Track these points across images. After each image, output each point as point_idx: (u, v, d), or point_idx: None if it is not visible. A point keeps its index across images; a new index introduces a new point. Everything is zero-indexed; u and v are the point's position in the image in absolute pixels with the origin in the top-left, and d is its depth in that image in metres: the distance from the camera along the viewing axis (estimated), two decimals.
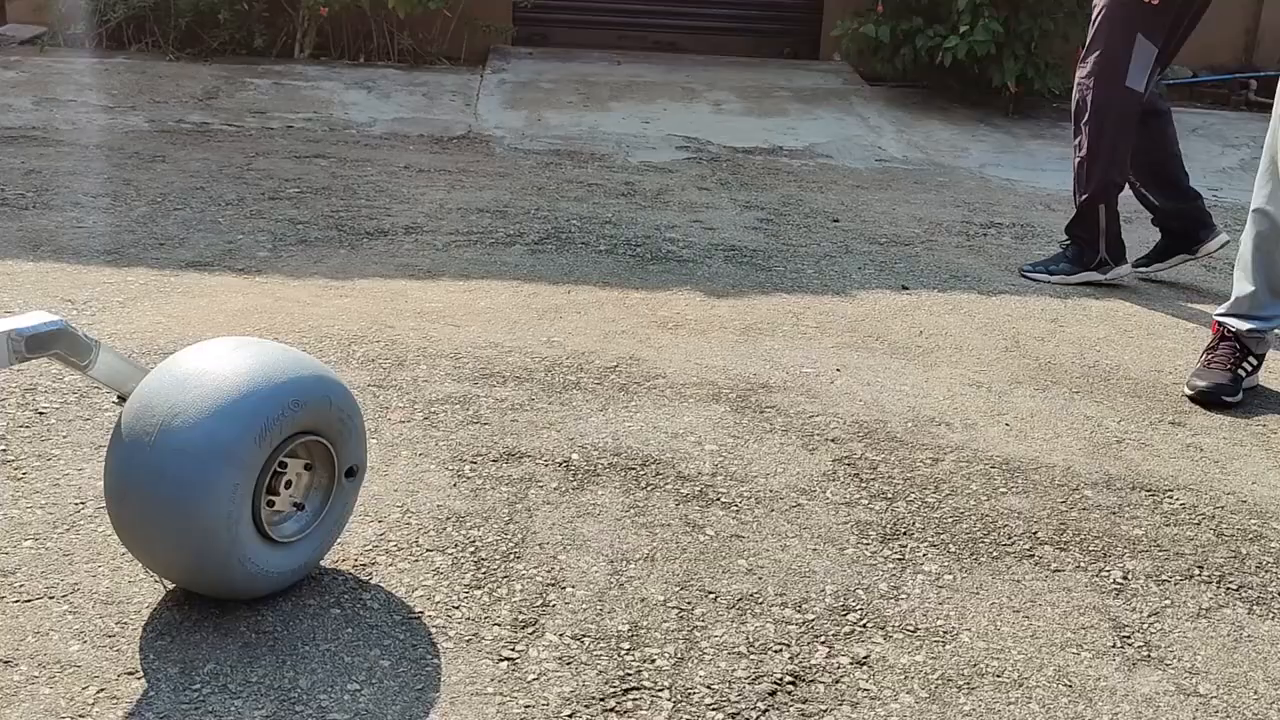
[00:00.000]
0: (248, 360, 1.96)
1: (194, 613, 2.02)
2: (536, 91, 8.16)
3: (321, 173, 5.96)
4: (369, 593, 2.13)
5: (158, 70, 7.94)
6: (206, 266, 4.22)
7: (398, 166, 6.27)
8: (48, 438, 2.68)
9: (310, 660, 1.92)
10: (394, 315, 3.79)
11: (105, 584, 2.10)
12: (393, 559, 2.25)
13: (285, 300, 3.89)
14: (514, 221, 5.18)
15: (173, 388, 1.92)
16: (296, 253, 4.49)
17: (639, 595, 2.18)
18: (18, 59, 7.93)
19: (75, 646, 1.91)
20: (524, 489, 2.58)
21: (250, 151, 6.35)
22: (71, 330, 1.95)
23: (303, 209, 5.17)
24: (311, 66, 8.31)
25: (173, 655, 1.90)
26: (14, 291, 3.77)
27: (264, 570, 1.99)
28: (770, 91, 8.64)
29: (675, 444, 2.88)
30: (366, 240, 4.74)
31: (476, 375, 3.27)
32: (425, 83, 8.17)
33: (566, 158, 6.72)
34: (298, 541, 2.05)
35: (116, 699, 1.79)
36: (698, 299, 4.20)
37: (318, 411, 2.02)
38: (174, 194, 5.28)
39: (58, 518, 2.32)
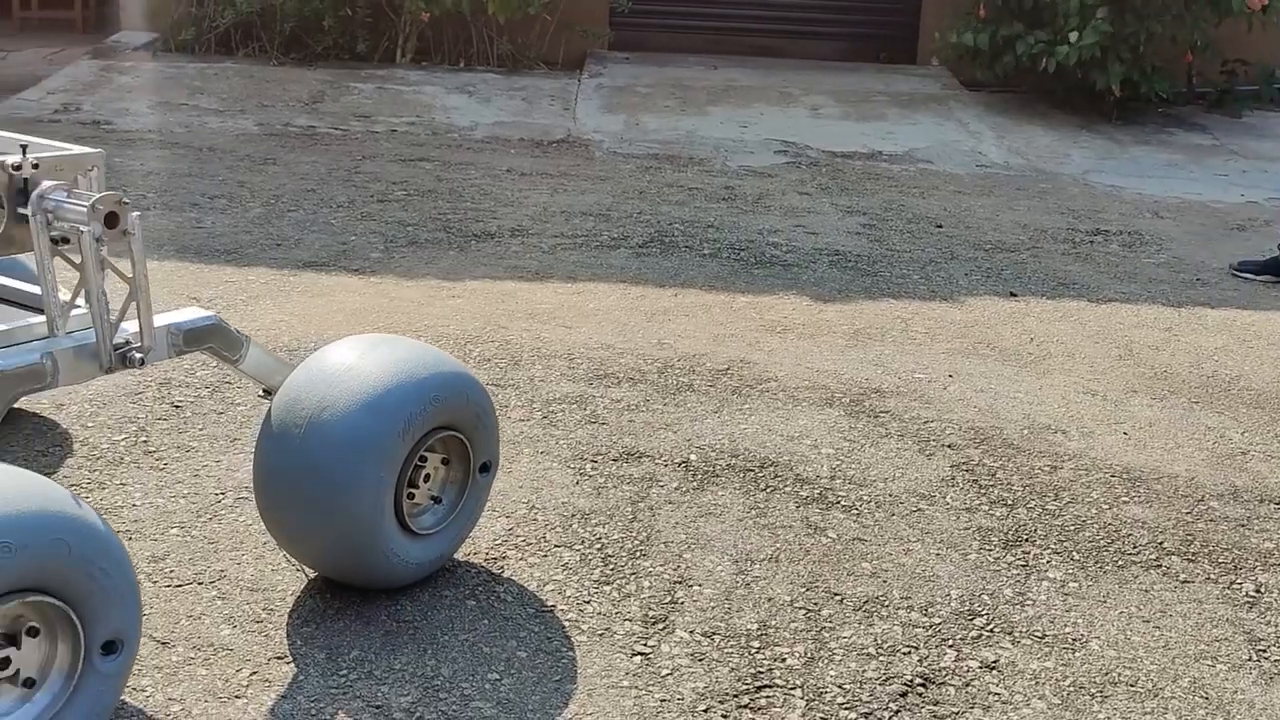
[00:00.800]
0: (392, 356, 2.02)
1: (336, 601, 2.08)
2: (633, 96, 8.21)
3: (427, 176, 6.07)
4: (502, 586, 2.17)
5: (265, 75, 8.14)
6: (323, 266, 4.32)
7: (500, 170, 6.35)
8: (185, 430, 2.78)
9: (450, 649, 1.96)
10: (506, 316, 3.85)
11: (250, 571, 2.17)
12: (522, 554, 2.29)
13: (400, 300, 3.97)
14: (617, 225, 5.22)
15: (321, 382, 1.98)
16: (408, 254, 4.58)
17: (766, 595, 2.20)
18: (132, 64, 8.19)
19: (226, 630, 1.98)
20: (645, 488, 2.61)
21: (357, 155, 6.49)
22: (224, 325, 2.02)
23: (411, 211, 5.27)
24: (413, 71, 8.46)
25: (319, 641, 1.97)
26: None
27: (405, 561, 2.04)
28: (867, 96, 8.59)
29: (791, 447, 2.89)
30: (474, 242, 4.82)
31: (591, 376, 3.31)
32: (524, 87, 8.26)
33: (665, 162, 6.76)
34: (435, 534, 2.10)
35: (269, 681, 1.85)
36: (804, 304, 4.20)
37: (456, 407, 2.07)
38: (287, 196, 5.42)
39: (200, 507, 2.41)
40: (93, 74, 7.92)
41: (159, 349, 1.90)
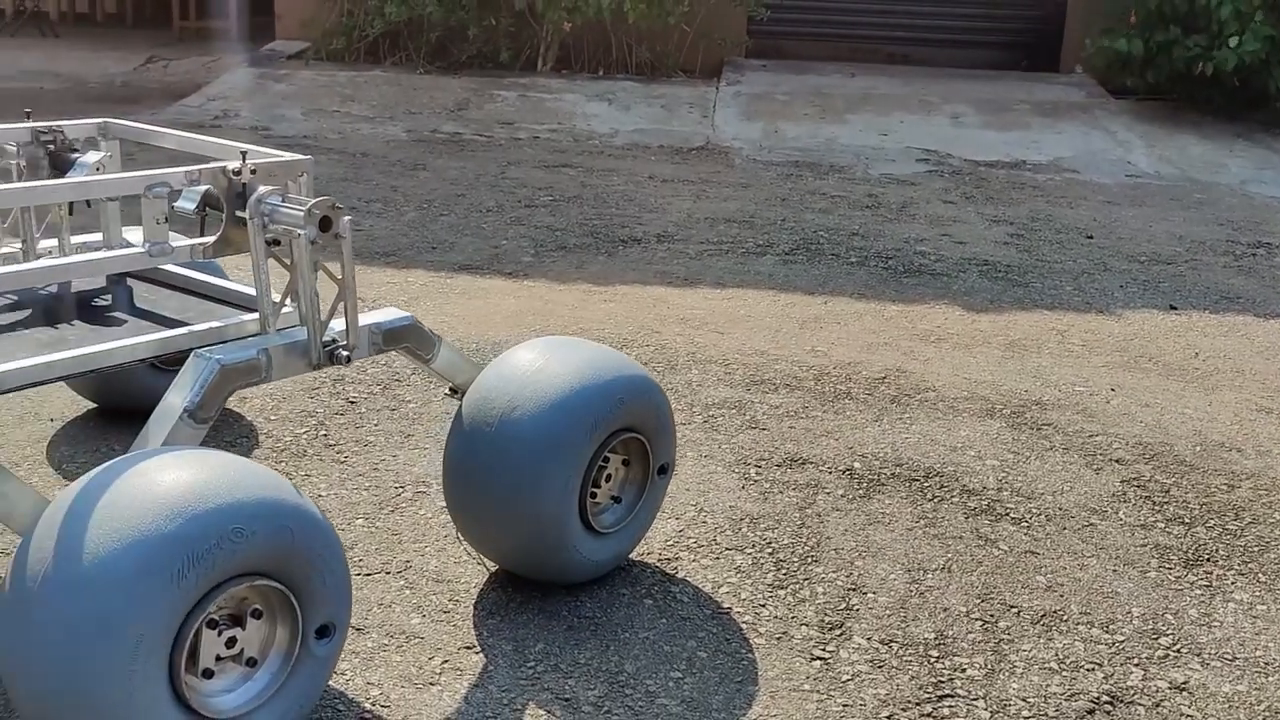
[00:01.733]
0: (579, 359, 2.07)
1: (518, 595, 2.14)
2: (772, 103, 8.21)
3: (571, 182, 6.16)
4: (677, 586, 2.20)
5: (412, 83, 8.36)
6: (477, 269, 4.42)
7: (642, 176, 6.42)
8: (361, 425, 2.88)
9: (632, 646, 2.00)
10: (659, 321, 3.89)
11: (434, 563, 2.24)
12: (695, 555, 2.32)
13: (554, 303, 4.04)
14: (762, 232, 5.23)
15: (511, 382, 2.04)
16: (558, 258, 4.66)
17: (940, 605, 2.18)
18: (286, 72, 8.49)
19: (416, 619, 2.05)
20: (811, 495, 2.61)
21: (502, 161, 6.62)
22: (420, 326, 2.09)
23: (558, 216, 5.36)
24: (554, 79, 8.59)
25: (505, 634, 2.02)
26: None
27: (587, 558, 2.09)
28: (1009, 104, 8.44)
29: (955, 457, 2.87)
30: (622, 248, 4.87)
31: (748, 381, 3.33)
32: (663, 95, 8.33)
33: (806, 169, 6.74)
34: (615, 532, 2.14)
35: (460, 670, 1.91)
36: (957, 313, 4.15)
37: (639, 409, 2.10)
38: (438, 200, 5.56)
39: (382, 499, 2.49)
40: (250, 81, 8.23)
41: (361, 347, 1.98)
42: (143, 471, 1.53)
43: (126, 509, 1.47)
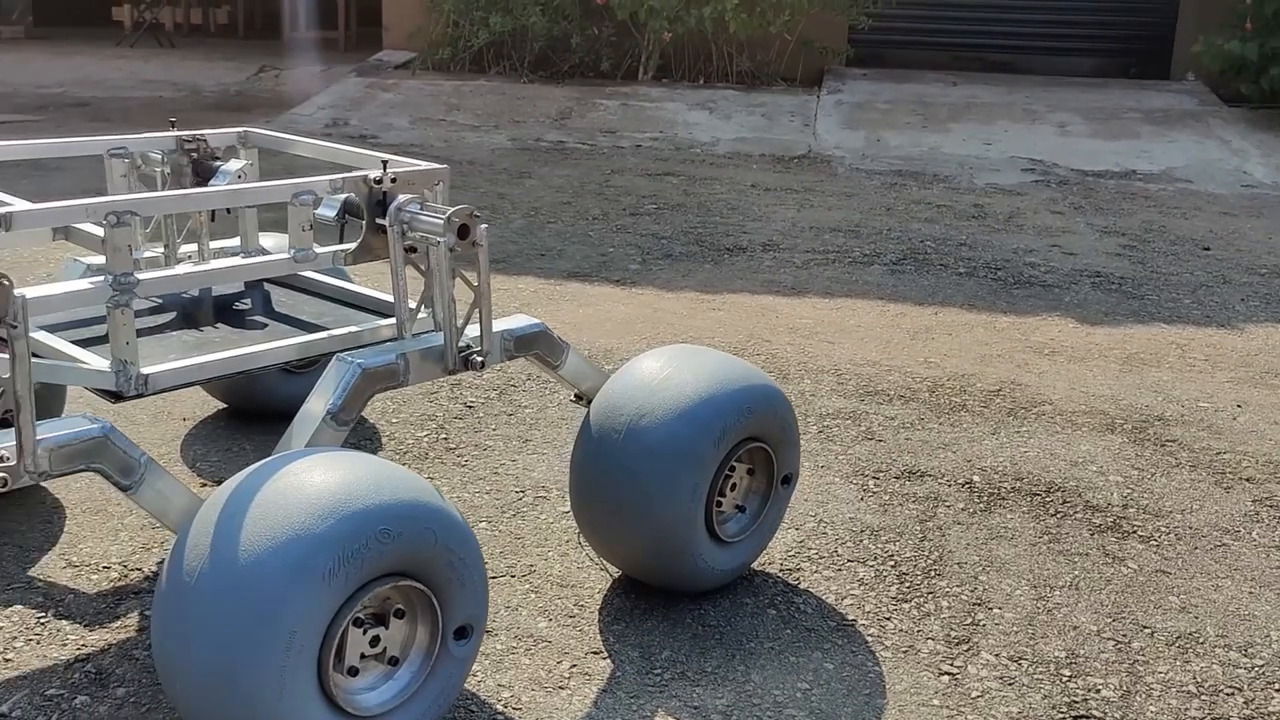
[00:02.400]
0: (706, 368, 2.08)
1: (642, 601, 2.15)
2: (873, 112, 8.15)
3: (674, 190, 6.18)
4: (800, 597, 2.20)
5: (515, 92, 8.47)
6: (586, 276, 4.46)
7: (745, 185, 6.41)
8: (479, 429, 2.92)
9: (758, 656, 2.00)
10: (768, 330, 3.88)
11: (557, 567, 2.26)
12: (816, 566, 2.31)
13: (663, 311, 4.06)
14: (868, 241, 5.19)
15: (639, 391, 2.05)
16: (664, 266, 4.67)
17: (1070, 623, 2.14)
18: (394, 82, 8.65)
19: (543, 623, 2.07)
20: (932, 507, 2.59)
21: (606, 169, 6.67)
22: (550, 332, 2.12)
23: (663, 224, 5.38)
24: (654, 88, 8.63)
25: (630, 640, 2.03)
26: None
27: (711, 567, 2.09)
28: (1117, 113, 8.27)
29: (1077, 472, 2.82)
30: (727, 256, 4.88)
31: (861, 392, 3.30)
32: (763, 103, 8.32)
33: (910, 178, 6.68)
34: (739, 542, 2.14)
35: (588, 675, 1.93)
36: (1070, 326, 4.08)
37: (765, 419, 2.10)
38: (545, 208, 5.61)
39: (504, 503, 2.52)
40: (358, 91, 8.39)
41: (494, 353, 2.01)
42: (293, 472, 1.57)
43: (279, 509, 1.52)
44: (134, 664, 1.89)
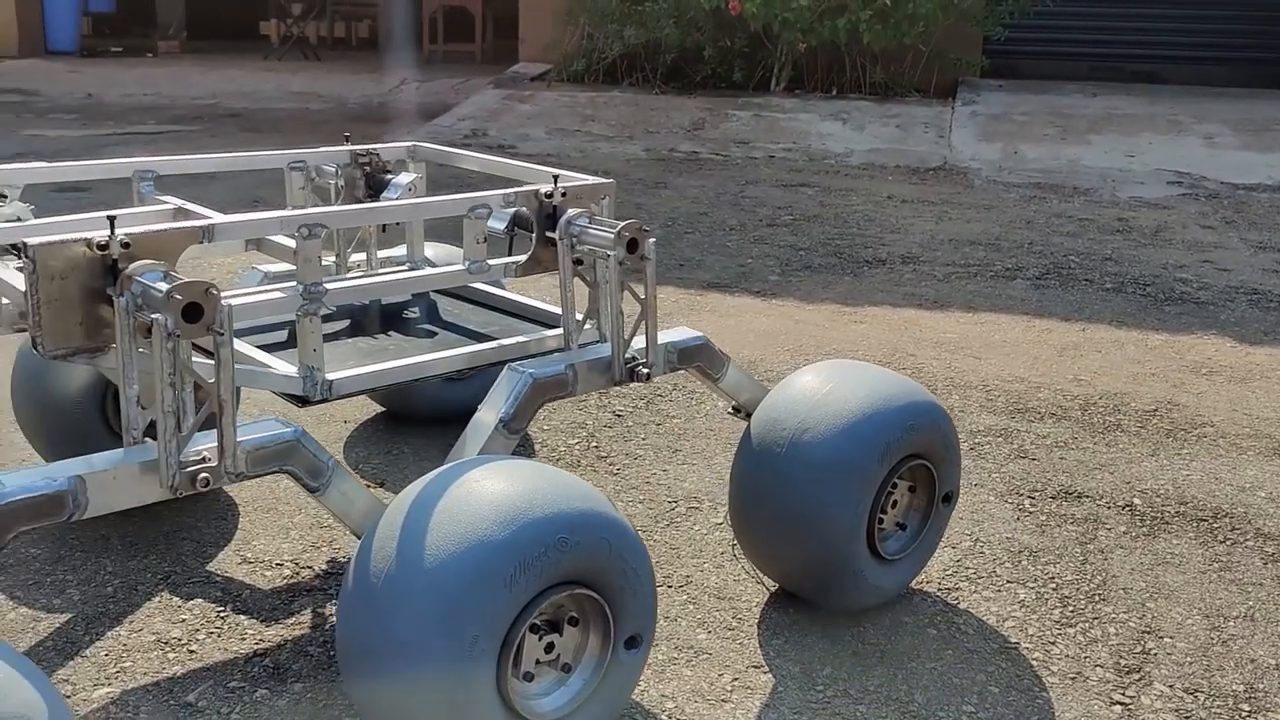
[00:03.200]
0: (869, 383, 2.06)
1: (800, 616, 2.14)
2: (1009, 124, 7.99)
3: (810, 201, 6.15)
4: (960, 617, 2.16)
5: (648, 103, 8.52)
6: (725, 288, 4.46)
7: (881, 196, 6.35)
8: (629, 438, 2.94)
9: (920, 676, 1.98)
10: (912, 343, 3.83)
11: (713, 579, 2.27)
12: (975, 587, 2.27)
13: (804, 323, 4.04)
14: (1009, 255, 5.10)
15: (801, 405, 2.04)
16: (804, 277, 4.65)
17: (1247, 655, 2.07)
18: (530, 94, 8.78)
19: (702, 635, 2.08)
20: (1091, 530, 2.53)
21: (740, 180, 6.67)
22: (711, 345, 2.13)
23: (800, 236, 5.36)
24: (787, 99, 8.60)
25: (790, 655, 2.03)
26: None
27: (871, 584, 2.07)
28: (1269, 124, 7.97)
29: (1245, 498, 2.72)
30: (867, 268, 4.83)
31: (1011, 409, 3.24)
32: (897, 114, 8.22)
33: (1050, 191, 6.53)
34: (900, 560, 2.12)
35: (750, 689, 1.93)
36: (1228, 345, 3.94)
37: (928, 436, 2.08)
38: (681, 218, 5.64)
39: (657, 513, 2.54)
40: (496, 102, 8.55)
41: (658, 365, 2.03)
42: (473, 480, 1.60)
43: (461, 515, 1.55)
44: (309, 660, 1.95)
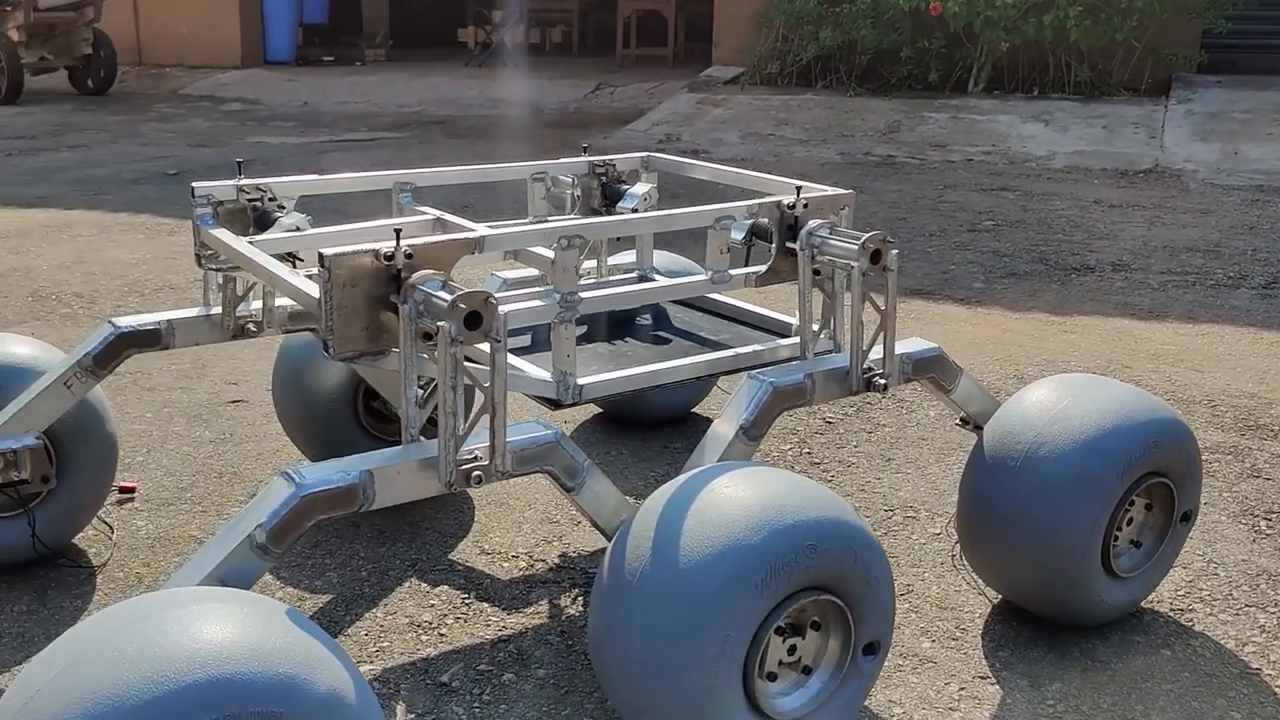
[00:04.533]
0: (1109, 397, 2.04)
1: (1025, 629, 2.14)
2: (1229, 122, 7.64)
3: (1012, 206, 6.03)
4: (1195, 640, 2.12)
5: (843, 105, 8.48)
6: (929, 294, 4.43)
7: (1086, 200, 6.17)
8: (842, 445, 2.97)
9: (1155, 698, 1.95)
10: (1127, 355, 3.74)
11: (934, 589, 2.28)
12: (1210, 609, 2.22)
13: (1012, 332, 3.98)
14: (1231, 263, 4.89)
15: (1037, 419, 2.04)
16: (1009, 285, 4.58)
17: None
18: (723, 97, 8.85)
19: (926, 644, 2.10)
20: None
21: (938, 184, 6.58)
22: (946, 357, 2.14)
23: (1003, 241, 5.26)
24: (985, 100, 8.43)
25: (1017, 667, 2.03)
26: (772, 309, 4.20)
27: (1103, 601, 2.05)
28: None
29: None
30: (1075, 276, 4.72)
31: (1240, 425, 3.13)
32: (1104, 114, 7.96)
33: (1275, 195, 6.22)
34: (1133, 578, 2.10)
35: (978, 700, 1.94)
36: None
37: (1170, 453, 2.05)
38: (879, 224, 5.61)
39: (874, 521, 2.56)
40: (689, 106, 8.65)
41: (894, 375, 2.06)
42: (725, 485, 1.67)
43: (713, 519, 1.62)
44: (550, 648, 2.05)
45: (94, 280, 4.47)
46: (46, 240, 5.14)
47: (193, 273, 4.57)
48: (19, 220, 5.55)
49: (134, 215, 5.69)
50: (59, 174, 6.90)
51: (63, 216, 5.65)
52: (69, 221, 5.53)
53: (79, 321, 3.96)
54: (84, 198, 6.15)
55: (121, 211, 5.78)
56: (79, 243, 5.11)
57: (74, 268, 4.67)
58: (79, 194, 6.26)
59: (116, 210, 5.81)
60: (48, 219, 5.60)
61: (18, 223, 5.50)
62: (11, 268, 4.65)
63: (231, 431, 2.99)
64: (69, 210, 5.82)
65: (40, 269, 4.64)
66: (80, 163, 7.33)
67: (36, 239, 5.16)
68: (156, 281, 4.48)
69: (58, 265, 4.70)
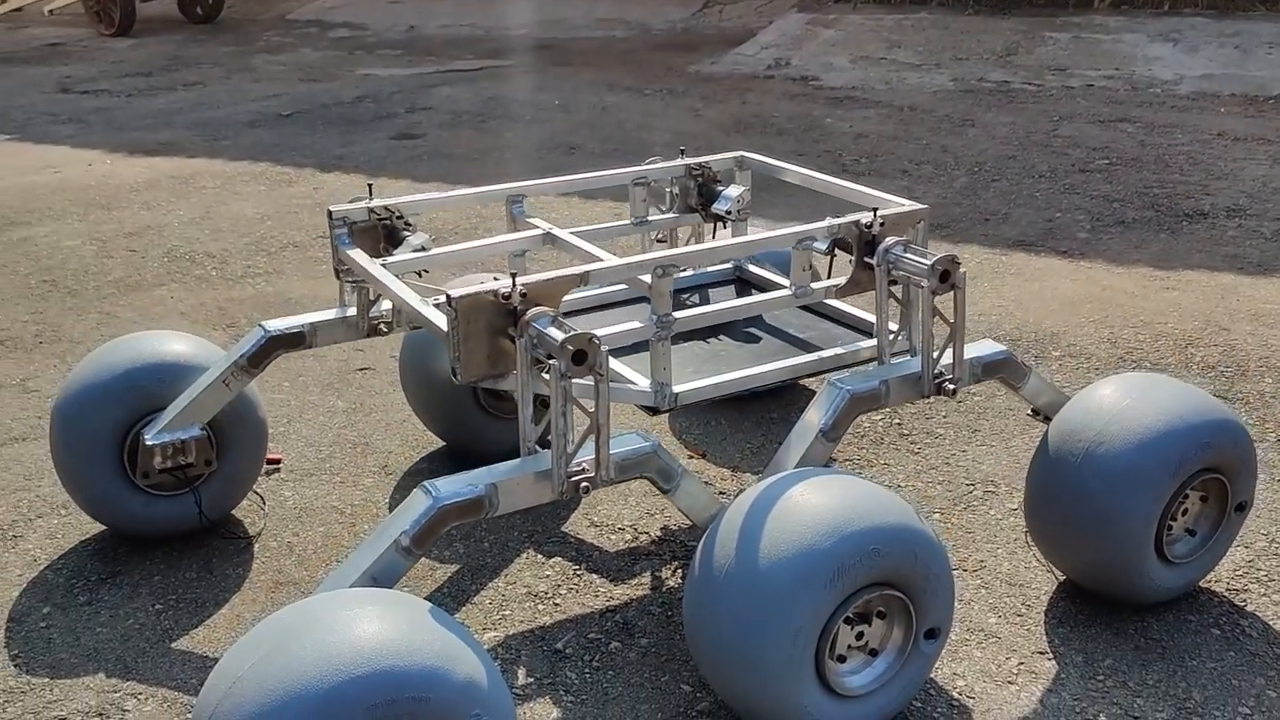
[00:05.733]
0: (1166, 398, 2.20)
1: (1086, 607, 2.33)
2: None
3: (1129, 140, 5.99)
4: (1246, 619, 2.29)
5: (959, 25, 8.39)
6: (1031, 246, 4.52)
7: (1210, 134, 6.09)
8: (930, 416, 3.16)
9: (1200, 675, 2.14)
10: (1227, 315, 3.80)
11: (1006, 565, 2.49)
12: (1265, 589, 2.39)
13: (1112, 290, 4.06)
14: None
15: (1097, 418, 2.21)
16: (1115, 235, 4.63)
17: None
18: (834, 17, 8.82)
19: (993, 619, 2.32)
20: None
21: (1053, 115, 6.54)
22: (1013, 358, 2.32)
23: (1115, 184, 5.27)
24: (1111, 17, 8.24)
25: (1075, 644, 2.23)
26: None
27: (1157, 584, 2.24)
28: None
29: None
30: (1186, 224, 4.74)
31: None
32: (1237, 32, 7.73)
33: None
34: (1187, 563, 2.27)
35: (1035, 674, 2.16)
36: None
37: (1223, 452, 2.21)
38: (989, 163, 5.66)
39: (955, 495, 2.76)
40: (799, 28, 8.65)
41: (963, 379, 2.24)
42: (800, 493, 1.90)
43: (790, 524, 1.85)
44: (652, 619, 2.33)
45: (222, 238, 4.83)
46: (174, 194, 5.52)
47: (313, 229, 4.89)
48: (147, 171, 5.95)
49: (253, 164, 6.04)
50: (178, 117, 7.29)
51: (187, 166, 6.03)
52: (193, 172, 5.90)
53: (213, 284, 4.31)
54: (204, 144, 6.52)
55: (241, 160, 6.13)
56: (205, 196, 5.47)
57: (202, 223, 5.03)
58: (199, 139, 6.63)
59: (236, 159, 6.15)
60: (173, 169, 5.98)
61: (146, 174, 5.90)
62: (146, 225, 5.03)
63: (361, 401, 3.31)
64: (192, 159, 6.19)
65: (172, 226, 5.01)
66: (197, 103, 7.70)
67: (165, 192, 5.55)
68: (281, 239, 4.81)
69: (188, 221, 5.07)
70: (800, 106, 6.92)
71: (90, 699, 2.13)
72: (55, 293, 4.25)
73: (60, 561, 2.55)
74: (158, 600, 2.41)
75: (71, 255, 4.65)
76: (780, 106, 6.92)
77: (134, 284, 4.32)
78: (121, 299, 4.17)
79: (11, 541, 2.63)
